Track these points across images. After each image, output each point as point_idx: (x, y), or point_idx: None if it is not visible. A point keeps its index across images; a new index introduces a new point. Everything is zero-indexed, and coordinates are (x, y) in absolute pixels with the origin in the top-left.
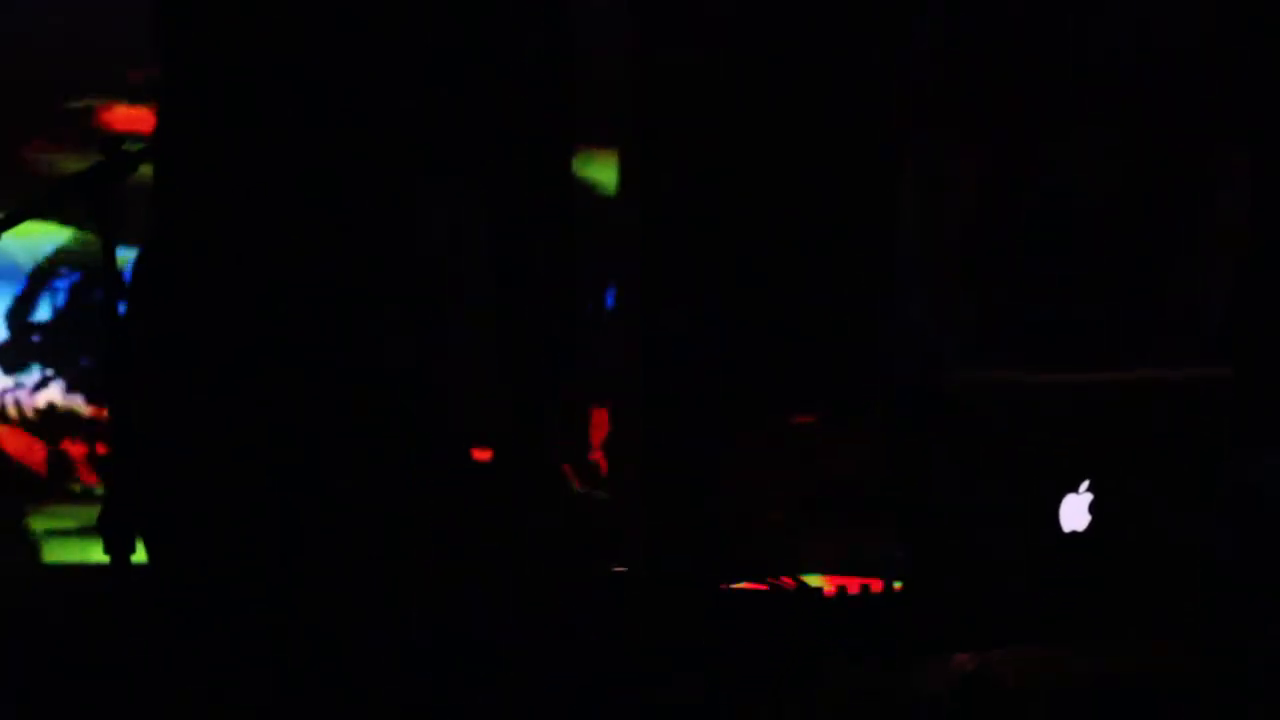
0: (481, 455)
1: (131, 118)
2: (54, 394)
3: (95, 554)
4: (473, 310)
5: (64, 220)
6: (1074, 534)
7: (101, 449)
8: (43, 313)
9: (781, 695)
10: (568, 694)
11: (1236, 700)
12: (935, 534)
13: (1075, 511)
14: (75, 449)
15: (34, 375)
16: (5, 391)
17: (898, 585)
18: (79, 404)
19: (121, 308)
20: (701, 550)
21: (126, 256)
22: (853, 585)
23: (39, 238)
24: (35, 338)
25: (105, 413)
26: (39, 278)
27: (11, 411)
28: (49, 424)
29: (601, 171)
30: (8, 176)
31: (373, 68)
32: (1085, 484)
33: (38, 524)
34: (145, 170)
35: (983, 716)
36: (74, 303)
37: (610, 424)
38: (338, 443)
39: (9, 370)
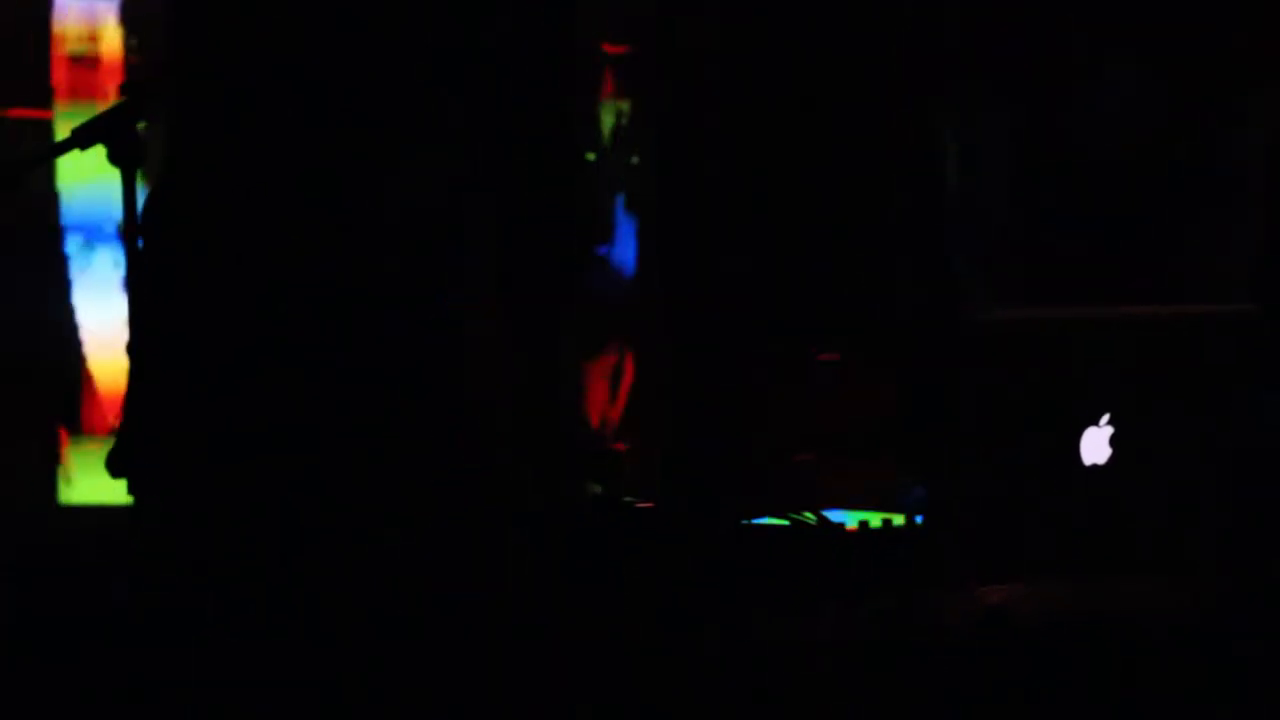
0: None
1: None
2: None
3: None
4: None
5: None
6: (1094, 468)
7: None
8: None
9: (803, 630)
10: (589, 632)
11: (1256, 638)
12: (956, 468)
13: (1096, 445)
14: None
15: None
16: None
17: (919, 521)
18: None
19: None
20: (725, 487)
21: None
22: (875, 520)
23: None
24: None
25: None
26: None
27: None
28: None
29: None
30: None
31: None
32: (1105, 418)
33: None
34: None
35: (1004, 651)
36: None
37: (634, 364)
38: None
39: None
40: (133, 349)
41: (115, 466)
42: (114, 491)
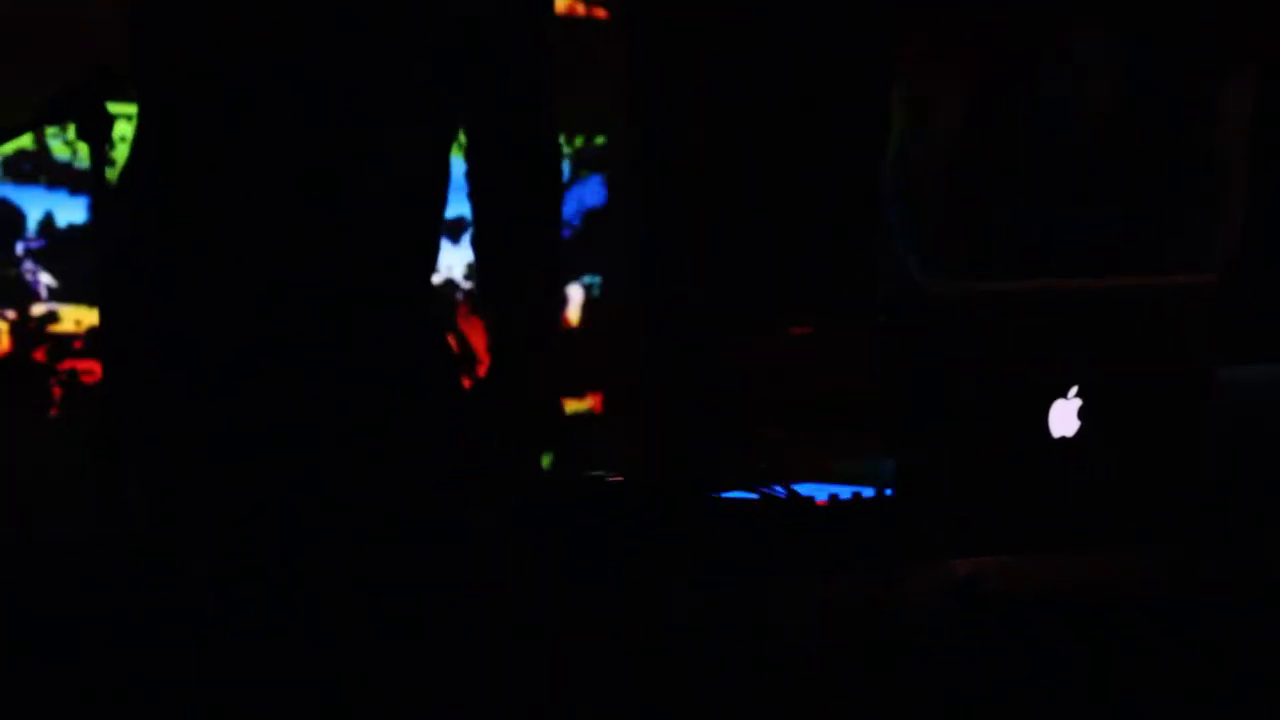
0: None
1: None
2: None
3: None
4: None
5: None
6: (1063, 440)
7: None
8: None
9: (773, 604)
10: (561, 605)
11: (1222, 609)
12: (926, 441)
13: (1064, 418)
14: None
15: None
16: None
17: (889, 494)
18: None
19: (111, 225)
20: (696, 460)
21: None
22: (845, 494)
23: None
24: None
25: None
26: None
27: None
28: None
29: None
30: None
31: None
32: (1074, 390)
33: None
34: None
35: (974, 624)
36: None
37: (607, 339)
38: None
39: None
40: (106, 337)
41: (100, 451)
42: None
